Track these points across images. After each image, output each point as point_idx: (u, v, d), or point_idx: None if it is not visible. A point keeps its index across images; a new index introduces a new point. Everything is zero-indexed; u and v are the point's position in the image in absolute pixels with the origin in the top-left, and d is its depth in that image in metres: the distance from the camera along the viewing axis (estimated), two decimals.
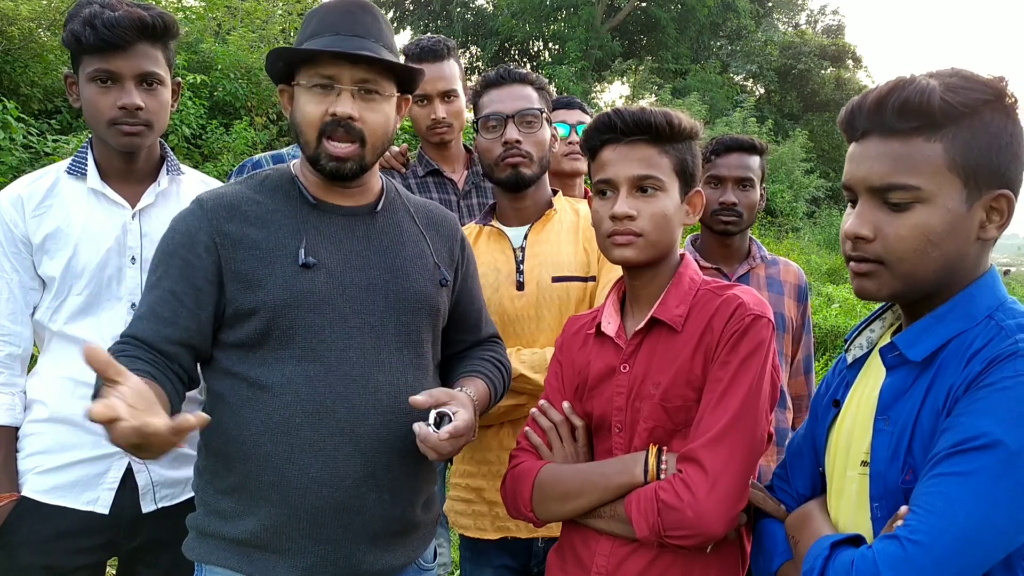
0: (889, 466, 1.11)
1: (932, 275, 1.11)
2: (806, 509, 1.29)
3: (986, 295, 1.12)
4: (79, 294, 1.75)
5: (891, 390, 1.15)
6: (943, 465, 1.01)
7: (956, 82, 1.08)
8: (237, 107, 8.77)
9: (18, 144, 5.88)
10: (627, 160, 1.40)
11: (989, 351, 1.05)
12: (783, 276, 2.34)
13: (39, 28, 7.68)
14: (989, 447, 0.98)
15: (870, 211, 1.12)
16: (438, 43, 2.52)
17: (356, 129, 1.44)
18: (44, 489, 1.73)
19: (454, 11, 24.15)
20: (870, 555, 1.02)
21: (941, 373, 1.10)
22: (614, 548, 1.37)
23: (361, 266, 1.49)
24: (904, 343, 1.14)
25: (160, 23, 1.73)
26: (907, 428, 1.10)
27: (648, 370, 1.40)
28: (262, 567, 1.40)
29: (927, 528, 0.98)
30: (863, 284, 1.15)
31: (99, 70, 1.70)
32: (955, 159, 1.07)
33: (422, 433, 1.36)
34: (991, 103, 1.07)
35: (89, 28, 1.67)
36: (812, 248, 14.20)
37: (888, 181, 1.09)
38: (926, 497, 1.01)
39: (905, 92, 1.08)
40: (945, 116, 1.06)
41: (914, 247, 1.09)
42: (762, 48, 24.22)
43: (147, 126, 1.75)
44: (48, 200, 1.77)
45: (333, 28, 1.46)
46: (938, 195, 1.08)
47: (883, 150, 1.10)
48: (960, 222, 1.09)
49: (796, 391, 2.37)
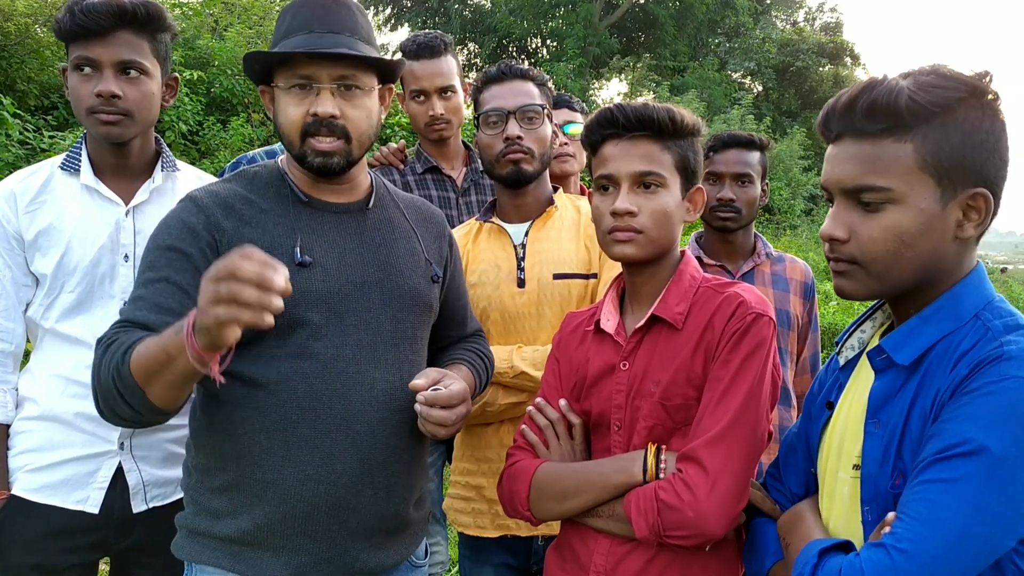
0: (880, 470, 1.11)
1: (908, 275, 1.11)
2: (797, 510, 1.29)
3: (972, 294, 1.12)
4: (71, 291, 1.73)
5: (880, 393, 1.15)
6: (929, 472, 1.01)
7: (929, 80, 1.07)
8: (234, 103, 8.75)
9: (14, 140, 5.87)
10: (629, 156, 1.39)
11: (975, 354, 1.04)
12: (789, 273, 2.33)
13: (35, 24, 7.66)
14: (974, 453, 0.97)
15: (845, 212, 1.13)
16: (435, 39, 2.50)
17: (339, 126, 1.43)
18: (34, 488, 1.72)
19: (452, 8, 24.11)
20: (858, 563, 1.01)
21: (928, 376, 1.09)
22: (612, 547, 1.37)
23: (355, 263, 1.49)
24: (891, 346, 1.14)
25: (142, 11, 1.71)
26: (896, 432, 1.10)
27: (648, 368, 1.39)
28: (255, 566, 1.40)
29: (913, 536, 0.98)
30: (841, 284, 1.16)
31: (79, 57, 1.70)
32: (926, 159, 1.07)
33: (428, 397, 1.38)
34: (965, 100, 1.06)
35: (69, 14, 1.67)
36: (810, 246, 14.20)
37: (859, 183, 1.10)
38: (912, 504, 1.01)
39: (873, 94, 1.09)
40: (914, 116, 1.06)
41: (886, 248, 1.10)
42: (760, 45, 24.19)
43: (126, 115, 1.72)
44: (41, 196, 1.76)
45: (307, 25, 1.43)
46: (910, 195, 1.08)
47: (854, 151, 1.11)
48: (934, 222, 1.08)
49: (802, 389, 2.36)
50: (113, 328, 1.35)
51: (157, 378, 1.23)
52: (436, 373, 1.45)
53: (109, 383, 1.27)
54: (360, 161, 1.53)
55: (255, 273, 1.04)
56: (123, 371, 1.25)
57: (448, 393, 1.41)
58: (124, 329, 1.33)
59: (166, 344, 1.20)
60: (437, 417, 1.40)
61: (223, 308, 1.04)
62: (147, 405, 1.27)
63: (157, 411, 1.30)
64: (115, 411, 1.30)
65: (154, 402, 1.27)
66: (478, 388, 1.66)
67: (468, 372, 1.62)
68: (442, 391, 1.40)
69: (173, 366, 1.20)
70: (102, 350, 1.31)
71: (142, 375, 1.24)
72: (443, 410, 1.40)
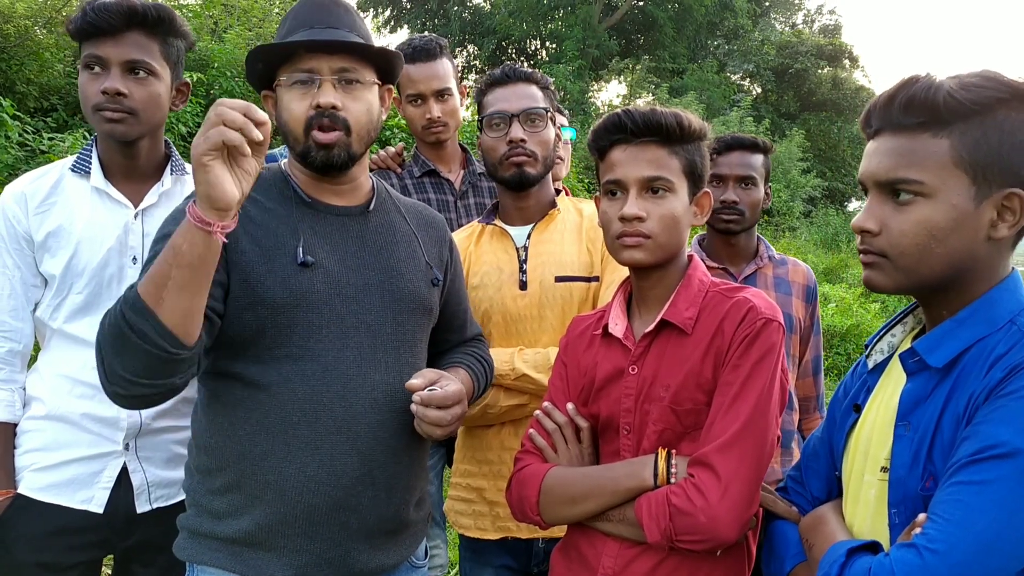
0: (909, 472, 1.11)
1: (938, 271, 1.11)
2: (820, 512, 1.29)
3: (1008, 299, 1.11)
4: (79, 293, 1.74)
5: (911, 396, 1.14)
6: (962, 474, 1.00)
7: (972, 80, 1.08)
8: None
9: (13, 142, 5.86)
10: (637, 161, 1.40)
11: (1011, 358, 1.04)
12: (791, 276, 2.33)
13: (35, 26, 7.65)
14: (1009, 456, 0.97)
15: (878, 205, 1.14)
16: (430, 42, 2.51)
17: (340, 118, 1.45)
18: (40, 487, 1.73)
19: (451, 10, 24.12)
20: (887, 563, 1.01)
21: (962, 380, 1.09)
22: (621, 550, 1.37)
23: (356, 266, 1.50)
24: (924, 349, 1.14)
25: (153, 13, 1.73)
26: (927, 435, 1.09)
27: (657, 372, 1.39)
28: (256, 566, 1.40)
29: (945, 537, 0.97)
30: (870, 276, 1.16)
31: (89, 55, 1.72)
32: (962, 155, 1.07)
33: (424, 397, 1.39)
34: (1007, 102, 1.06)
35: (81, 13, 1.70)
36: (808, 248, 14.22)
37: (892, 175, 1.11)
38: (944, 505, 1.00)
39: (912, 89, 1.10)
40: (951, 112, 1.07)
41: (916, 242, 1.10)
42: (759, 47, 24.21)
43: (131, 113, 1.73)
44: (52, 198, 1.77)
45: (307, 23, 1.47)
46: (942, 190, 1.08)
47: (891, 145, 1.12)
48: (966, 219, 1.08)
49: (804, 392, 2.37)
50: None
51: (167, 286, 1.19)
52: (433, 373, 1.46)
53: (117, 324, 1.21)
54: (361, 161, 1.54)
55: (241, 107, 1.16)
56: (130, 297, 1.21)
57: (443, 393, 1.42)
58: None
59: (171, 242, 1.21)
60: (432, 417, 1.41)
61: (213, 131, 1.14)
62: (161, 331, 1.20)
63: (172, 340, 1.21)
64: (124, 360, 1.22)
65: (167, 324, 1.20)
66: (477, 392, 1.67)
67: (467, 375, 1.63)
68: (437, 391, 1.41)
69: (180, 258, 1.19)
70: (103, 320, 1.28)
71: (151, 291, 1.20)
72: (439, 410, 1.41)
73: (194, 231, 1.18)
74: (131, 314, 1.20)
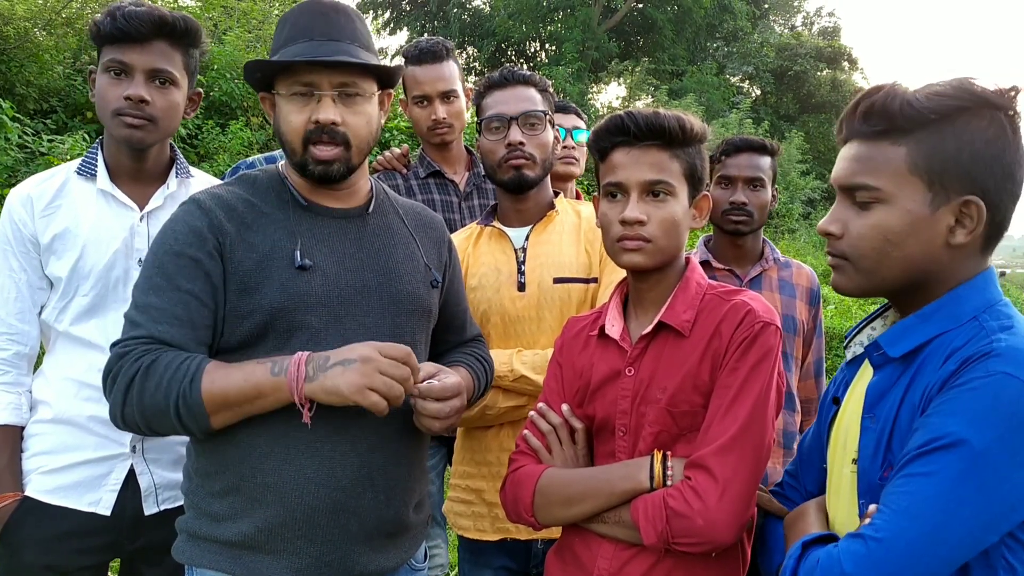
0: (872, 463, 1.13)
1: (896, 274, 1.14)
2: (801, 508, 1.31)
3: (974, 296, 1.13)
4: (85, 295, 1.75)
5: (876, 388, 1.17)
6: (911, 465, 1.02)
7: (939, 89, 1.10)
8: (233, 107, 8.73)
9: (13, 144, 5.86)
10: (639, 164, 1.40)
11: (965, 351, 1.06)
12: (795, 279, 2.35)
13: (35, 28, 7.65)
14: (954, 446, 0.99)
15: (842, 209, 1.18)
16: (437, 44, 2.52)
17: (340, 133, 1.45)
18: (47, 489, 1.74)
19: (451, 12, 24.10)
20: (836, 553, 1.03)
21: (920, 371, 1.11)
22: (616, 551, 1.37)
23: (355, 268, 1.49)
24: (886, 341, 1.17)
25: (181, 24, 1.75)
26: (888, 425, 1.12)
27: (654, 374, 1.40)
28: (255, 569, 1.40)
29: (890, 526, 1.00)
30: (834, 278, 1.21)
31: (113, 60, 1.73)
32: (918, 162, 1.09)
33: (422, 389, 1.40)
34: (968, 110, 1.08)
35: (109, 18, 1.71)
36: (808, 250, 14.21)
37: (852, 181, 1.15)
38: (893, 496, 1.02)
39: (872, 98, 1.13)
40: (908, 120, 1.09)
41: (873, 245, 1.13)
42: (758, 50, 24.24)
43: (151, 121, 1.75)
44: (57, 200, 1.78)
45: (307, 33, 1.45)
46: (898, 196, 1.11)
47: (854, 152, 1.16)
48: (922, 224, 1.11)
49: (806, 394, 2.38)
50: (136, 343, 1.34)
51: (236, 409, 1.32)
52: (431, 367, 1.46)
53: (162, 407, 1.31)
54: (360, 167, 1.54)
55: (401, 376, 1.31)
56: (191, 399, 1.30)
57: (442, 386, 1.42)
58: (152, 347, 1.34)
59: (258, 381, 1.30)
60: (431, 410, 1.41)
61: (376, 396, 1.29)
62: (204, 428, 1.34)
63: (206, 432, 1.36)
64: (152, 423, 1.34)
65: (214, 427, 1.35)
66: (477, 392, 1.67)
67: (467, 374, 1.63)
68: (435, 383, 1.42)
69: (261, 402, 1.31)
70: (134, 366, 1.31)
71: (217, 404, 1.31)
72: (436, 403, 1.41)
73: (285, 394, 1.31)
74: (184, 410, 1.31)
